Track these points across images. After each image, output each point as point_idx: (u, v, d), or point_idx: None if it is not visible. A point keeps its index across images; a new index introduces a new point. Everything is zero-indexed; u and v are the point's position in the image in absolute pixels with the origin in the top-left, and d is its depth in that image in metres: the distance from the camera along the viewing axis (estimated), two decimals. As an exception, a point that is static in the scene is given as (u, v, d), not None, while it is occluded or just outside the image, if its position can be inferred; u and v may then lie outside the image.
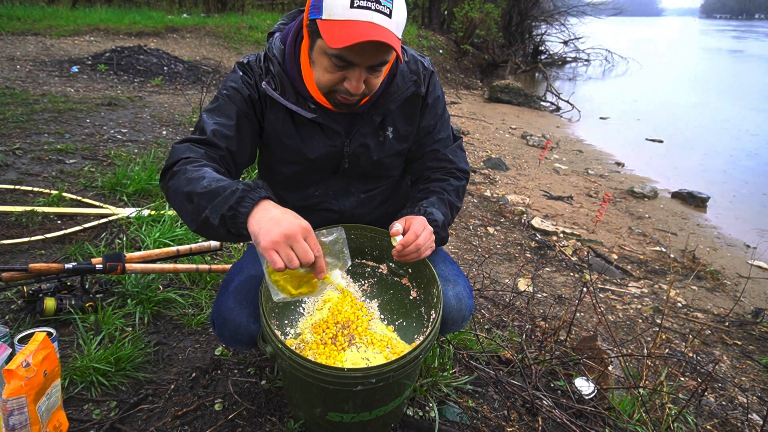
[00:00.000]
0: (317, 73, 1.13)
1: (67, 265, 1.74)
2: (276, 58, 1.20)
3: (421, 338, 1.19)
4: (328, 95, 1.15)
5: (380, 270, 1.36)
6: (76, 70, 6.59)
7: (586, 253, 4.01)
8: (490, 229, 4.16)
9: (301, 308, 1.27)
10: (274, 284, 1.01)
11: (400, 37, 1.08)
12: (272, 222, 0.92)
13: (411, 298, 1.30)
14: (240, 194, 0.96)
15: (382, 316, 1.27)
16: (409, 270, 1.32)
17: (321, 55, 1.09)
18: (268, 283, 1.01)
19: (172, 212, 2.64)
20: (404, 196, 1.50)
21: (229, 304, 1.21)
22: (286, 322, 1.24)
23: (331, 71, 1.09)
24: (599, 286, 3.45)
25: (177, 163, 1.08)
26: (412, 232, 1.13)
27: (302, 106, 1.21)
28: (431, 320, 1.21)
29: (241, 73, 1.22)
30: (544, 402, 1.59)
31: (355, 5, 1.00)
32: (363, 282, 1.34)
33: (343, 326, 1.20)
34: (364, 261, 1.38)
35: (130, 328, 1.77)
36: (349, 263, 1.07)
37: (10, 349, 1.38)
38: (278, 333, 1.19)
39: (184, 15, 13.51)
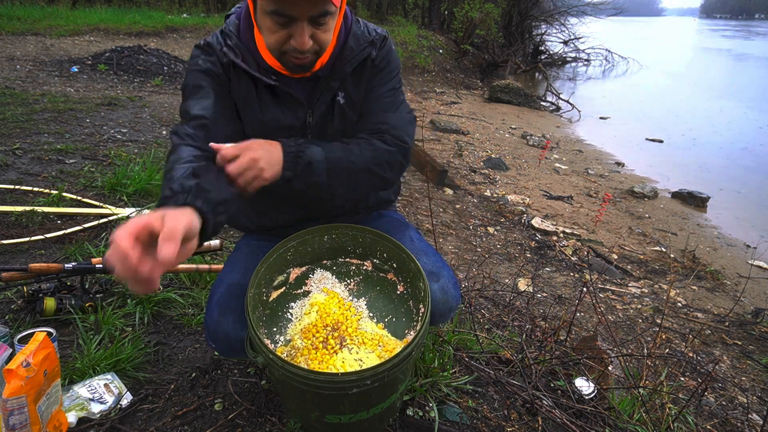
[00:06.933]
0: (265, 37, 1.11)
1: (67, 265, 1.74)
2: (232, 32, 1.21)
3: (413, 333, 1.18)
4: (281, 58, 1.12)
5: (365, 267, 1.34)
6: (76, 70, 6.60)
7: (586, 253, 4.01)
8: (490, 229, 4.16)
9: (288, 314, 1.25)
10: None
11: None
12: None
13: (398, 292, 1.28)
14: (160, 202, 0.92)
15: (371, 314, 1.25)
16: (394, 265, 1.30)
17: (263, 16, 1.08)
18: None
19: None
20: None
21: (215, 316, 1.21)
22: (275, 329, 1.22)
23: (275, 30, 1.07)
24: (599, 286, 3.45)
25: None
26: (235, 147, 1.05)
27: (263, 75, 1.19)
28: (420, 315, 1.19)
29: (201, 53, 1.21)
30: (544, 402, 1.59)
31: None
32: (349, 281, 1.32)
33: (332, 329, 1.19)
34: (348, 260, 1.35)
35: (130, 328, 1.77)
36: None
37: (10, 349, 1.38)
38: (268, 342, 1.17)
39: (184, 15, 13.51)
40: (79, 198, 2.77)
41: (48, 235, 2.28)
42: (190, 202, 0.89)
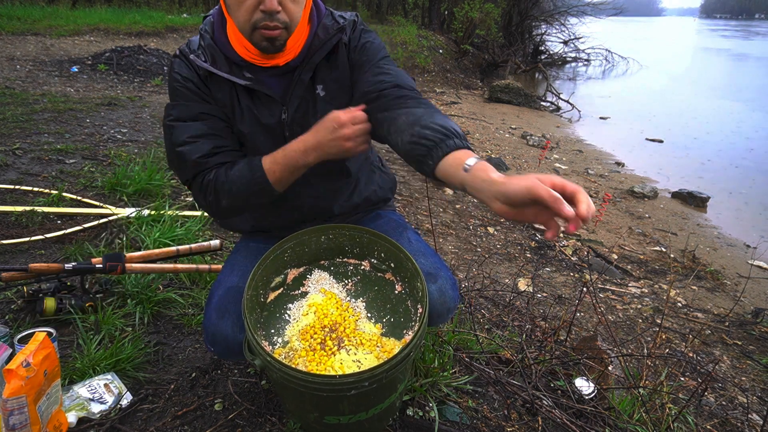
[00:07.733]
0: (236, 16, 1.13)
1: (67, 265, 1.74)
2: (207, 33, 1.23)
3: (411, 334, 1.18)
4: (252, 36, 1.13)
5: (363, 267, 1.33)
6: (76, 70, 6.60)
7: (586, 253, 4.01)
8: (490, 229, 4.16)
9: (286, 315, 1.24)
10: None
11: None
12: None
13: (396, 292, 1.28)
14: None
15: (369, 315, 1.25)
16: (392, 264, 1.29)
17: None
18: None
19: (171, 212, 2.64)
20: (371, 188, 1.44)
21: (213, 319, 1.21)
22: (272, 331, 1.21)
23: (243, 0, 1.09)
24: (599, 286, 3.45)
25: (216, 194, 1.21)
26: (568, 188, 0.78)
27: (236, 75, 1.20)
28: (418, 315, 1.19)
29: (175, 67, 1.23)
30: (544, 402, 1.59)
31: None
32: (347, 281, 1.31)
33: (330, 330, 1.18)
34: (345, 260, 1.35)
35: (130, 328, 1.77)
36: None
37: (10, 349, 1.38)
38: (266, 344, 1.17)
39: (184, 15, 13.51)
40: (79, 198, 2.77)
41: (48, 235, 2.28)
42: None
